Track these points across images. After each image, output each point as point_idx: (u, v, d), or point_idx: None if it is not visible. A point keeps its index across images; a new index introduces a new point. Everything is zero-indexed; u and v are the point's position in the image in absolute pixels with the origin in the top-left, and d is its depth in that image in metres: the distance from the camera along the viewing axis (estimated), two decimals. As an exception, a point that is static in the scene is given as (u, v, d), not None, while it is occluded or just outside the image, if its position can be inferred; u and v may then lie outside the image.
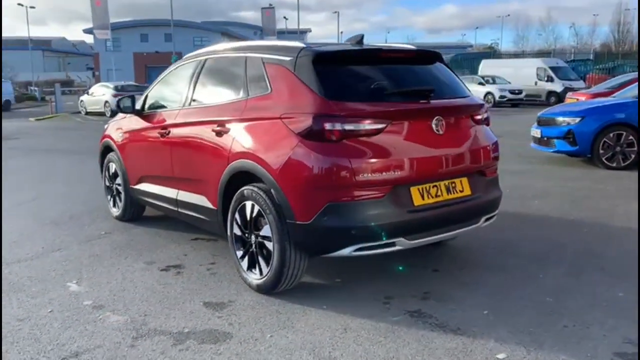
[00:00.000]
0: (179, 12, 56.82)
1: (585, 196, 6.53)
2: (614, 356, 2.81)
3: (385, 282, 3.88)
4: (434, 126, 3.51)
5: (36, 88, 41.80)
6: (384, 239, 3.34)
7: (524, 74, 27.38)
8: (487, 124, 4.06)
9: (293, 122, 3.38)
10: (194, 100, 4.51)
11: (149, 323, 3.31)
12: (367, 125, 3.30)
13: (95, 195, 6.71)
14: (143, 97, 5.27)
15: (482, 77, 27.73)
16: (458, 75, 4.24)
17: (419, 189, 3.46)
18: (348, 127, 3.25)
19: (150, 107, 5.14)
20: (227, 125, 3.88)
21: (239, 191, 3.73)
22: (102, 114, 24.14)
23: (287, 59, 3.61)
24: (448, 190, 3.60)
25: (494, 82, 26.84)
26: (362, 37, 3.92)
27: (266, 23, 29.93)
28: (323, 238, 3.33)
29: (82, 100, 26.13)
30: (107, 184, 5.92)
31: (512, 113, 21.52)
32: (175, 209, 4.69)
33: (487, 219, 3.92)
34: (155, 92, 5.20)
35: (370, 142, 3.31)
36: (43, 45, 76.22)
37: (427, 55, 3.99)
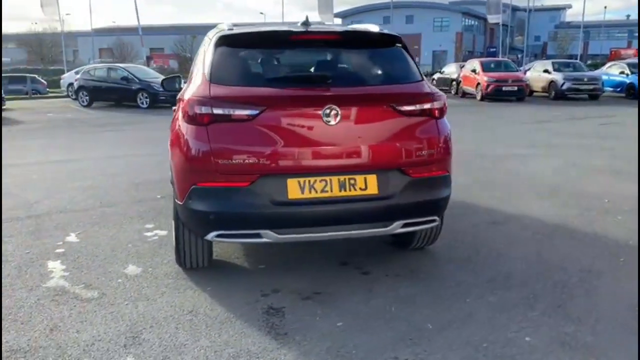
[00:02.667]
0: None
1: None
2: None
3: (298, 274, 3.70)
4: (324, 115, 3.20)
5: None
6: (246, 228, 3.23)
7: None
8: (436, 116, 3.49)
9: (182, 104, 3.45)
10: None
11: (68, 276, 3.77)
12: (238, 110, 3.19)
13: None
14: None
15: None
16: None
17: (299, 182, 3.22)
18: (217, 111, 3.20)
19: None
20: (178, 106, 4.10)
21: None
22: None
23: (209, 41, 3.66)
24: (342, 187, 3.26)
25: None
26: (307, 18, 3.72)
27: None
28: (191, 220, 3.37)
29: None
30: None
31: None
32: None
33: (406, 225, 3.42)
34: None
35: (241, 128, 3.20)
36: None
37: (361, 38, 3.62)
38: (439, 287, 3.49)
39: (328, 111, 3.20)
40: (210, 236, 3.29)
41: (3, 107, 16.10)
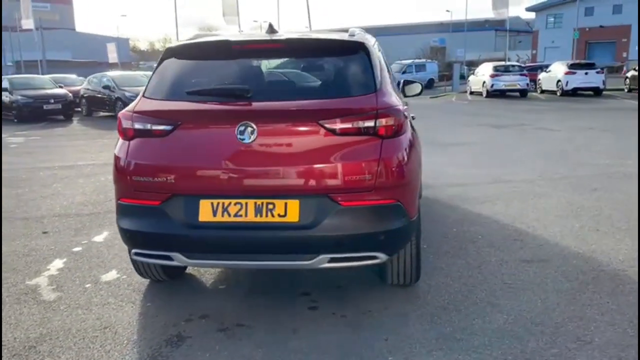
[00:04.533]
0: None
1: None
2: None
3: (245, 301, 3.48)
4: (238, 133, 2.91)
5: (465, 67, 44.55)
6: (157, 249, 3.09)
7: None
8: (382, 135, 2.96)
9: None
10: None
11: (53, 275, 3.99)
12: (155, 125, 3.06)
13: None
14: None
15: None
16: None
17: (212, 204, 2.98)
18: (137, 126, 3.11)
19: None
20: None
21: None
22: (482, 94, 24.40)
23: None
24: (258, 212, 2.94)
25: None
26: (270, 25, 3.44)
27: None
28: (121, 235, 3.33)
29: (468, 80, 26.93)
30: None
31: None
32: None
33: (334, 260, 2.96)
34: None
35: (156, 144, 3.07)
36: (498, 25, 79.84)
37: (310, 47, 3.25)
38: (367, 338, 2.96)
39: (242, 128, 2.90)
40: (132, 254, 3.22)
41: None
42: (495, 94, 23.09)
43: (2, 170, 7.90)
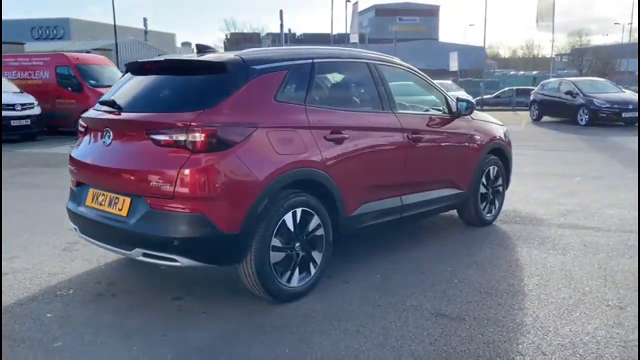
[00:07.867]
0: None
1: None
2: None
3: (146, 280, 4.06)
4: (103, 137, 3.60)
5: None
6: (72, 222, 3.99)
7: None
8: (191, 149, 3.22)
9: None
10: None
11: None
12: (81, 127, 4.01)
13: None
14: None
15: None
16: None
17: (93, 192, 3.74)
18: (80, 127, 4.08)
19: None
20: None
21: None
22: None
23: None
24: (111, 204, 3.58)
25: None
26: (197, 45, 3.96)
27: None
28: None
29: None
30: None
31: None
32: None
33: (146, 255, 3.37)
34: None
35: (80, 141, 4.02)
36: None
37: (181, 66, 3.75)
38: (152, 331, 3.22)
39: (104, 133, 3.60)
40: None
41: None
42: None
43: (2, 171, 8.47)
